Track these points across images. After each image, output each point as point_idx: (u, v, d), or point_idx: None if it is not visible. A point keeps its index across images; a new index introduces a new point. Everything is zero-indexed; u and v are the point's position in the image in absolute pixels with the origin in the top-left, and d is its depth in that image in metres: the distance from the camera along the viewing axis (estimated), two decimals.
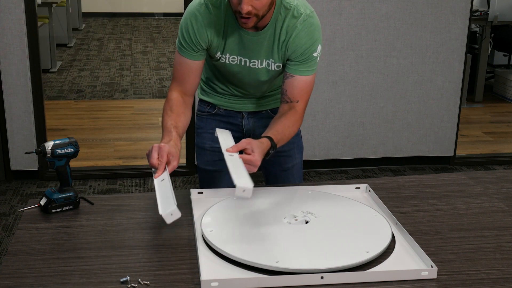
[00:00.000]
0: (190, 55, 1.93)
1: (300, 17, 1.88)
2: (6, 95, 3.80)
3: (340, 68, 4.06)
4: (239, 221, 1.69)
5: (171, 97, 1.97)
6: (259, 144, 1.78)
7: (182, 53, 1.94)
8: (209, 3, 1.88)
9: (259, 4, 1.76)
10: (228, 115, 2.15)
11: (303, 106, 1.97)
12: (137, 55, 8.00)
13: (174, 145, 1.80)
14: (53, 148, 1.74)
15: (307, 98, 1.98)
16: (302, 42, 1.89)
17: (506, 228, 1.74)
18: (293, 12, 1.88)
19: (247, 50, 1.93)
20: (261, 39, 1.91)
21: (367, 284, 1.44)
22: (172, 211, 1.43)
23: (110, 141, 4.76)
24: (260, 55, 1.94)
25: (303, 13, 1.89)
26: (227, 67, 1.99)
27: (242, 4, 1.74)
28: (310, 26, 1.89)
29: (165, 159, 1.72)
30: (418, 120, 4.27)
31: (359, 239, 1.60)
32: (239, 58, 1.95)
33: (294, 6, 1.89)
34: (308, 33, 1.89)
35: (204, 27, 1.89)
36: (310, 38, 1.90)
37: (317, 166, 4.26)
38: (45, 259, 1.52)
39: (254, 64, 1.95)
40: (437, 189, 2.00)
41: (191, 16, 1.90)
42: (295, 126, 1.95)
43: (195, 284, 1.42)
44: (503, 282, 1.46)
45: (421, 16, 4.05)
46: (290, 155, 2.21)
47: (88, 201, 1.84)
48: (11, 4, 3.65)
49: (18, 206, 3.62)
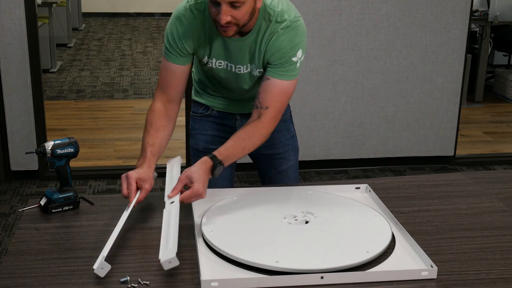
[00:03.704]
0: (175, 59, 1.91)
1: (283, 23, 1.85)
2: (6, 95, 3.80)
3: (340, 68, 4.06)
4: (239, 221, 1.69)
5: (153, 108, 1.94)
6: (199, 169, 1.72)
7: (167, 57, 1.92)
8: (194, 7, 1.87)
9: (238, 14, 1.74)
10: (221, 116, 2.14)
11: (273, 114, 1.88)
12: (137, 55, 8.00)
13: (146, 168, 1.80)
14: (53, 148, 1.74)
15: (280, 106, 1.89)
16: (282, 45, 1.85)
17: (506, 228, 1.74)
18: (276, 18, 1.85)
19: (232, 55, 1.91)
20: (245, 44, 1.88)
21: (367, 284, 1.44)
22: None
23: (110, 141, 4.76)
24: (244, 60, 1.92)
25: (287, 19, 1.85)
26: (215, 71, 1.98)
27: (220, 15, 1.72)
28: (292, 30, 1.85)
29: (133, 186, 1.72)
30: (418, 120, 4.27)
31: (359, 239, 1.60)
32: (225, 62, 1.93)
33: (278, 12, 1.85)
34: (289, 37, 1.85)
35: (189, 31, 1.87)
36: (290, 42, 1.85)
37: (317, 166, 4.26)
38: (45, 259, 1.52)
39: (240, 69, 1.94)
40: (437, 189, 2.00)
41: (176, 20, 1.89)
42: (255, 137, 1.87)
43: (195, 284, 1.42)
44: (503, 282, 1.47)
45: (421, 16, 4.05)
46: (284, 157, 2.20)
47: (88, 201, 1.84)
48: (11, 4, 3.65)
49: (18, 206, 3.62)
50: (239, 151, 1.84)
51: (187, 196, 1.68)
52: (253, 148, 1.88)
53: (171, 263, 1.42)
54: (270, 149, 2.17)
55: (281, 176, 2.20)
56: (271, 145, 2.16)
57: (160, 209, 1.79)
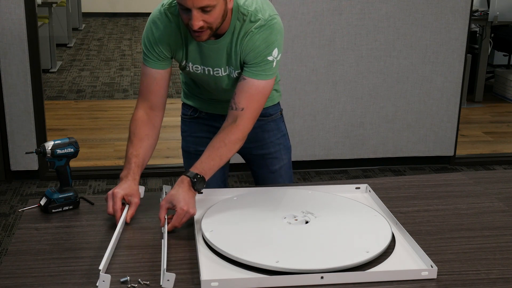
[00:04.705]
0: (154, 64, 1.89)
1: (257, 22, 1.82)
2: (6, 95, 3.80)
3: (340, 68, 4.06)
4: (239, 221, 1.69)
5: (136, 117, 1.92)
6: (177, 189, 1.69)
7: (146, 63, 1.90)
8: (168, 11, 1.85)
9: (210, 18, 1.71)
10: (210, 118, 2.12)
11: (249, 115, 1.83)
12: (137, 55, 8.00)
13: (131, 181, 1.78)
14: (53, 148, 1.74)
15: (256, 106, 1.85)
16: (256, 45, 1.82)
17: (506, 228, 1.74)
18: (250, 18, 1.82)
19: (208, 58, 1.89)
20: (221, 46, 1.86)
21: (367, 284, 1.44)
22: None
23: (110, 141, 4.76)
24: (221, 63, 1.89)
25: (261, 18, 1.82)
26: (193, 75, 1.97)
27: (192, 21, 1.70)
28: (267, 29, 1.82)
29: (118, 205, 1.70)
30: (418, 120, 4.27)
31: (359, 239, 1.60)
32: (202, 67, 1.91)
33: (251, 11, 1.82)
34: (263, 36, 1.82)
35: (164, 35, 1.86)
36: (264, 41, 1.82)
37: (317, 166, 4.26)
38: (45, 259, 1.52)
39: (218, 72, 1.91)
40: (437, 189, 2.00)
41: (151, 24, 1.87)
42: (231, 143, 1.81)
43: (195, 284, 1.42)
44: (503, 282, 1.47)
45: (421, 16, 4.05)
46: (276, 156, 2.18)
47: (88, 201, 1.84)
48: (11, 4, 3.65)
49: (18, 206, 3.62)
50: (216, 161, 1.79)
51: (175, 220, 1.65)
52: (232, 154, 1.84)
53: (169, 280, 1.41)
54: (261, 149, 2.16)
55: (274, 176, 2.19)
56: (262, 145, 2.15)
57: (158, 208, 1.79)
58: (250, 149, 2.15)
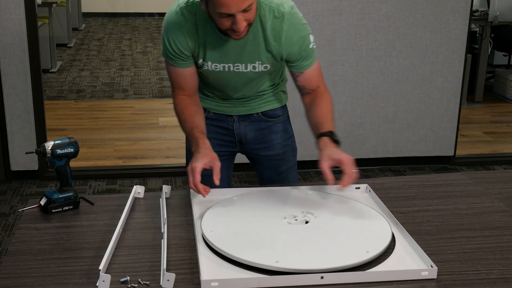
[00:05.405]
0: (180, 63, 1.91)
1: (283, 18, 1.84)
2: (6, 95, 3.80)
3: (340, 68, 4.06)
4: (239, 221, 1.69)
5: (177, 101, 1.97)
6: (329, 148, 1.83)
7: (172, 62, 1.92)
8: (185, 10, 1.85)
9: (250, 15, 1.74)
10: (218, 119, 2.12)
11: (323, 86, 2.03)
12: (137, 55, 8.00)
13: (203, 148, 1.81)
14: (53, 148, 1.74)
15: (322, 78, 2.03)
16: (294, 42, 1.87)
17: (506, 228, 1.74)
18: (274, 13, 1.84)
19: (229, 55, 1.89)
20: (243, 42, 1.86)
21: (367, 284, 1.44)
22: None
23: (110, 141, 4.76)
24: (243, 58, 1.90)
25: (284, 12, 1.85)
26: (211, 74, 1.96)
27: (237, 24, 1.71)
28: (295, 24, 1.86)
29: (197, 179, 1.73)
30: (418, 120, 4.27)
31: (359, 239, 1.60)
32: (221, 65, 1.92)
33: (274, 7, 1.84)
34: (295, 32, 1.86)
35: (183, 35, 1.86)
36: (300, 37, 1.88)
37: (317, 166, 4.25)
38: (45, 259, 1.52)
39: (238, 68, 1.92)
40: (437, 189, 2.00)
41: (168, 25, 1.88)
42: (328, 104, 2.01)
43: (195, 284, 1.42)
44: (503, 282, 1.46)
45: (421, 16, 4.05)
46: (283, 158, 2.19)
47: (88, 201, 1.84)
48: (11, 4, 3.65)
49: (18, 206, 3.62)
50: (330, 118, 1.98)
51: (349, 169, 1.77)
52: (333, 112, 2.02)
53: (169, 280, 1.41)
54: (268, 150, 2.16)
55: (280, 178, 2.20)
56: (269, 146, 2.16)
57: (158, 208, 1.79)
58: (258, 150, 2.16)
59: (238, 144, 2.16)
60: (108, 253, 1.49)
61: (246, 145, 2.16)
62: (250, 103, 2.09)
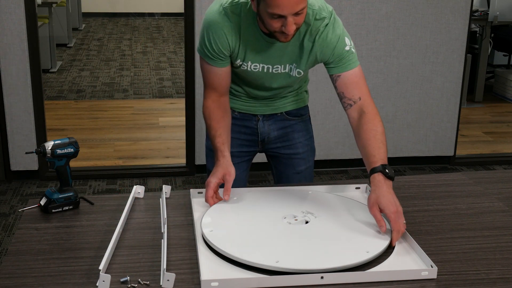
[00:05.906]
0: (218, 63, 1.91)
1: (323, 21, 1.86)
2: (6, 95, 3.80)
3: None
4: (239, 221, 1.69)
5: (207, 105, 1.97)
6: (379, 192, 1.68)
7: (208, 61, 1.91)
8: (229, 10, 1.84)
9: (300, 19, 1.73)
10: (243, 118, 2.13)
11: (368, 99, 1.91)
12: (137, 55, 8.00)
13: (221, 161, 1.84)
14: (53, 148, 1.74)
15: (366, 89, 1.92)
16: (328, 41, 1.87)
17: (506, 228, 1.74)
18: (315, 16, 1.85)
19: (270, 56, 1.90)
20: (285, 44, 1.87)
21: (367, 284, 1.44)
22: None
23: (110, 141, 4.76)
24: (283, 60, 1.91)
25: (325, 16, 1.86)
26: (248, 74, 1.96)
27: (287, 27, 1.71)
28: (332, 26, 1.87)
29: (209, 193, 1.78)
30: (418, 120, 4.27)
31: (359, 239, 1.60)
32: (261, 65, 1.92)
33: (316, 10, 1.86)
34: (329, 32, 1.86)
35: (224, 35, 1.86)
36: (334, 35, 1.87)
37: (317, 166, 4.22)
38: (45, 259, 1.52)
39: (277, 69, 1.93)
40: (437, 189, 2.00)
41: (210, 24, 1.87)
42: (377, 126, 1.86)
43: (195, 284, 1.42)
44: (503, 282, 1.47)
45: (421, 16, 4.05)
46: (304, 157, 2.20)
47: (88, 201, 1.84)
48: (11, 4, 3.65)
49: (18, 206, 3.62)
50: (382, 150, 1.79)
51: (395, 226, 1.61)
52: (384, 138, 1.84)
53: (169, 280, 1.41)
54: (290, 148, 2.17)
55: (298, 177, 2.20)
56: (291, 145, 2.16)
57: (158, 208, 1.79)
58: (279, 148, 2.17)
59: (260, 143, 2.17)
60: (108, 253, 1.49)
61: (268, 144, 2.17)
62: (276, 102, 2.11)
